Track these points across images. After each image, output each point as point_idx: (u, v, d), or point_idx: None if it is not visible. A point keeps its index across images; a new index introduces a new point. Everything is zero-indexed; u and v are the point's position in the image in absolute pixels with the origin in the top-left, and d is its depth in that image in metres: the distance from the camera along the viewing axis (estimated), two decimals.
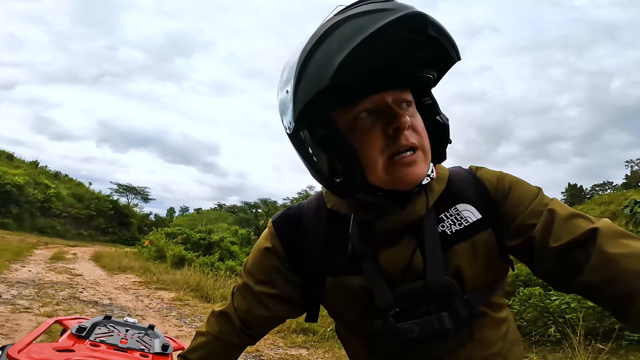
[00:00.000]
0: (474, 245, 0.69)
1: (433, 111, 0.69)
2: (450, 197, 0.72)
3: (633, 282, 0.55)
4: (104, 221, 26.70)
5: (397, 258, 0.69)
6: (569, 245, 0.62)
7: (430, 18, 0.55)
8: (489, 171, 0.76)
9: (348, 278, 0.72)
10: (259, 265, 0.81)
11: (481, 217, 0.70)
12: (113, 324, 1.05)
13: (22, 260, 8.69)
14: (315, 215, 0.78)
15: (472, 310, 0.68)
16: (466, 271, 0.68)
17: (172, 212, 68.19)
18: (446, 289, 0.67)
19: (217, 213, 51.04)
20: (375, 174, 0.64)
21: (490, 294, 0.73)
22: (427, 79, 0.66)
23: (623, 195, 18.00)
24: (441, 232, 0.69)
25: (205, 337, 0.83)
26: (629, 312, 0.55)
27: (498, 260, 0.72)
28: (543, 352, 4.71)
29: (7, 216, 19.96)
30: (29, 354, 0.78)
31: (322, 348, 4.53)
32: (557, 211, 0.66)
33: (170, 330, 4.56)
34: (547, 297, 5.49)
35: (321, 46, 0.58)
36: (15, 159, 27.70)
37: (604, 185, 52.55)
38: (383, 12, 0.55)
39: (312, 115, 0.63)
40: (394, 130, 0.62)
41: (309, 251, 0.76)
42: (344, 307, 0.76)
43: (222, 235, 19.29)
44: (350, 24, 0.57)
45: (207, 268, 10.24)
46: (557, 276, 0.65)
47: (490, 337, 0.73)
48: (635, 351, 4.44)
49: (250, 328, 0.82)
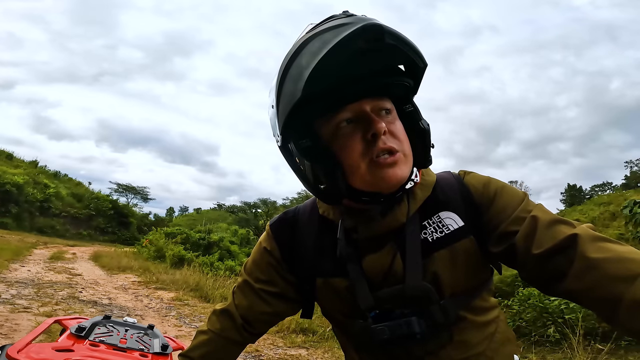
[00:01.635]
0: (454, 252, 0.72)
1: (415, 117, 0.72)
2: (434, 205, 0.75)
3: (616, 287, 0.55)
4: (103, 221, 26.71)
5: (379, 263, 0.73)
6: (550, 251, 0.63)
7: (387, 27, 0.59)
8: (476, 176, 0.78)
9: (335, 280, 0.77)
10: (259, 265, 0.87)
11: (463, 224, 0.73)
12: (112, 324, 1.05)
13: (22, 260, 8.69)
14: (308, 220, 0.84)
15: (448, 314, 0.71)
16: (444, 277, 0.71)
17: (171, 212, 68.14)
18: (423, 294, 0.70)
19: (217, 213, 51.01)
20: (358, 178, 0.67)
21: (470, 299, 0.76)
22: (404, 86, 0.70)
23: (622, 196, 18.00)
24: (423, 239, 0.72)
25: (206, 335, 0.86)
26: (614, 317, 0.55)
27: (480, 266, 0.74)
28: (542, 352, 4.71)
29: (6, 216, 19.94)
30: (29, 354, 0.78)
31: (322, 348, 4.53)
32: (539, 218, 0.67)
33: (170, 330, 4.56)
34: (546, 298, 5.49)
35: (294, 63, 0.64)
36: (15, 158, 27.69)
37: (604, 186, 52.56)
38: (344, 26, 0.59)
39: (296, 127, 0.68)
40: (371, 136, 0.66)
41: (303, 254, 0.82)
42: (332, 307, 0.82)
43: (221, 235, 19.28)
44: (316, 40, 0.62)
45: (207, 268, 10.24)
46: (541, 282, 0.66)
47: (471, 340, 0.75)
48: (634, 352, 4.44)
49: (251, 325, 0.86)
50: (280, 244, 0.84)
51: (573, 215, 16.46)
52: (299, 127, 0.69)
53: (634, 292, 0.53)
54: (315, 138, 0.69)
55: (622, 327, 0.55)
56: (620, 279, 0.55)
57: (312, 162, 0.70)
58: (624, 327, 0.55)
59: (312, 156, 0.69)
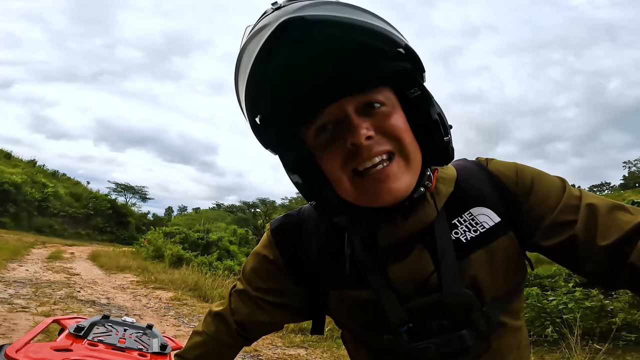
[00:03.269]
0: (492, 252, 0.64)
1: (422, 104, 0.59)
2: (464, 200, 0.66)
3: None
4: (101, 220, 26.65)
5: (408, 271, 0.64)
6: (619, 242, 0.57)
7: (314, 16, 0.47)
8: (503, 163, 0.69)
9: (353, 292, 0.68)
10: (258, 272, 0.79)
11: (500, 220, 0.64)
12: (111, 324, 1.04)
13: (20, 259, 8.66)
14: (315, 226, 0.74)
15: (491, 322, 0.63)
16: (484, 281, 0.63)
17: (170, 212, 68.21)
18: (464, 302, 0.62)
19: (216, 212, 50.98)
20: (343, 191, 0.59)
21: (511, 302, 0.68)
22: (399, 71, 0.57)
23: (621, 196, 18.04)
24: (455, 240, 0.64)
25: (201, 336, 0.84)
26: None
27: (519, 264, 0.67)
28: (540, 352, 4.71)
29: (4, 215, 19.88)
30: (27, 354, 0.77)
31: (321, 348, 4.53)
32: (597, 205, 0.60)
33: (168, 329, 4.55)
34: (545, 298, 5.50)
35: (238, 84, 0.57)
36: (13, 157, 27.59)
37: (602, 186, 52.67)
38: (264, 29, 0.49)
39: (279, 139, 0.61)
40: (351, 145, 0.55)
41: (310, 262, 0.73)
42: (349, 320, 0.73)
43: (220, 234, 19.27)
44: (245, 55, 0.53)
45: (205, 268, 10.24)
46: (607, 275, 0.59)
47: (507, 347, 0.68)
48: (632, 351, 4.45)
49: (246, 330, 0.82)
50: (283, 251, 0.75)
51: None
52: (280, 137, 0.61)
53: None
54: (300, 149, 0.61)
55: None
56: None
57: (298, 179, 0.61)
58: None
59: (296, 170, 0.61)
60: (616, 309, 5.03)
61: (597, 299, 5.13)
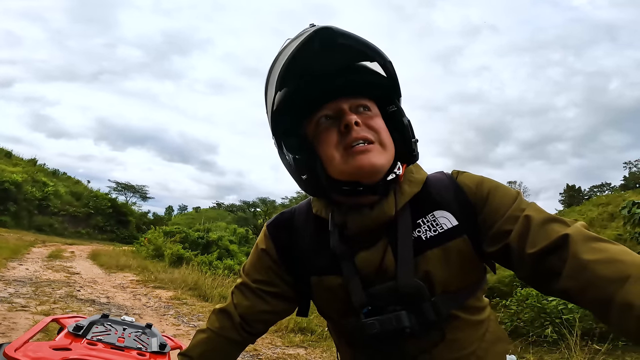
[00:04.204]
0: (447, 251, 0.73)
1: (397, 116, 0.76)
2: (429, 203, 0.76)
3: (607, 289, 0.55)
4: (102, 219, 26.67)
5: (370, 259, 0.74)
6: (544, 251, 0.63)
7: (338, 29, 0.66)
8: (469, 176, 0.79)
9: (329, 278, 0.78)
10: (256, 265, 0.88)
11: (457, 224, 0.74)
12: (110, 323, 1.04)
13: (20, 258, 8.67)
14: (304, 220, 0.85)
15: (439, 312, 0.72)
16: (436, 276, 0.72)
17: (170, 211, 68.19)
18: (415, 290, 0.71)
19: (216, 212, 50.98)
20: (334, 167, 0.71)
21: (464, 299, 0.77)
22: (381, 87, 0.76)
23: (621, 197, 17.99)
24: (417, 237, 0.74)
25: (205, 333, 0.87)
26: (608, 317, 0.55)
27: (474, 265, 0.76)
28: (540, 352, 4.72)
29: (5, 214, 19.91)
30: (26, 353, 0.77)
31: (320, 347, 4.53)
32: (532, 217, 0.67)
33: (168, 329, 4.56)
34: (544, 298, 5.51)
35: (272, 72, 0.73)
36: (14, 156, 27.57)
37: (602, 187, 52.64)
38: (303, 34, 0.67)
39: (285, 128, 0.76)
40: (344, 127, 0.71)
41: (299, 253, 0.83)
42: (327, 306, 0.83)
43: (220, 234, 19.26)
44: (285, 50, 0.70)
45: (205, 267, 10.24)
46: (537, 281, 0.67)
47: (464, 339, 0.76)
48: (631, 352, 4.46)
49: (249, 324, 0.86)
50: (277, 244, 0.86)
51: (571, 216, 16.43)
52: (288, 128, 0.76)
53: (624, 294, 0.53)
54: (301, 137, 0.76)
55: (614, 328, 0.55)
56: (611, 280, 0.55)
57: (295, 155, 0.74)
58: (617, 328, 0.55)
59: (296, 151, 0.74)
60: None
61: None
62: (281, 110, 0.74)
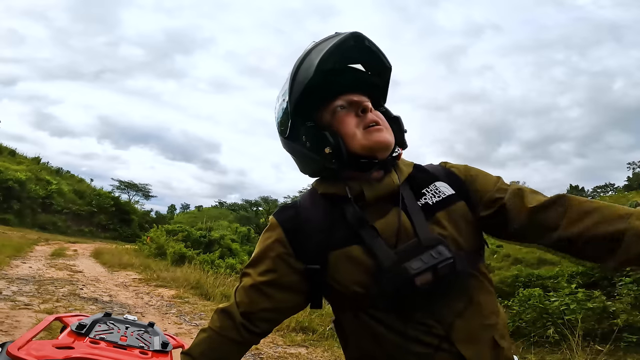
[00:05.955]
0: (451, 213, 0.83)
1: (387, 113, 0.91)
2: (429, 178, 0.89)
3: (613, 225, 0.68)
4: (105, 218, 26.73)
5: (389, 223, 0.81)
6: (543, 204, 0.78)
7: (365, 35, 0.84)
8: (456, 164, 0.95)
9: (351, 248, 0.80)
10: (263, 256, 0.87)
11: (454, 192, 0.86)
12: (113, 322, 1.05)
13: (23, 256, 8.71)
14: (311, 203, 0.89)
15: (463, 264, 0.77)
16: (448, 235, 0.80)
17: (172, 209, 68.25)
18: (438, 242, 0.77)
19: (218, 211, 51.02)
20: (356, 141, 0.82)
21: (475, 261, 0.83)
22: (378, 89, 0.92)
23: (625, 197, 17.95)
24: (424, 204, 0.84)
25: (207, 332, 0.87)
26: (616, 250, 0.67)
27: (475, 229, 0.85)
28: (542, 353, 4.71)
29: (8, 212, 19.98)
30: (29, 351, 0.78)
31: (321, 347, 4.54)
32: (523, 187, 0.84)
33: (170, 327, 4.57)
34: (547, 299, 5.49)
35: (305, 59, 0.84)
36: (18, 155, 27.66)
37: (606, 187, 52.43)
38: (338, 35, 0.83)
39: (303, 112, 0.87)
40: (361, 112, 0.85)
41: (311, 233, 0.84)
42: (350, 279, 0.79)
43: (222, 233, 19.31)
44: (320, 45, 0.84)
45: (208, 266, 10.25)
46: (532, 232, 0.79)
47: (486, 304, 0.81)
48: (633, 352, 4.44)
49: (253, 323, 0.85)
50: (286, 228, 0.86)
51: None
52: (305, 112, 0.87)
53: (633, 224, 0.67)
54: (317, 119, 0.87)
55: (619, 258, 0.67)
56: (616, 218, 0.69)
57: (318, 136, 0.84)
58: (624, 257, 0.66)
59: (317, 132, 0.85)
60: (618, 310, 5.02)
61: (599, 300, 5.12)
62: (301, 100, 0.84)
